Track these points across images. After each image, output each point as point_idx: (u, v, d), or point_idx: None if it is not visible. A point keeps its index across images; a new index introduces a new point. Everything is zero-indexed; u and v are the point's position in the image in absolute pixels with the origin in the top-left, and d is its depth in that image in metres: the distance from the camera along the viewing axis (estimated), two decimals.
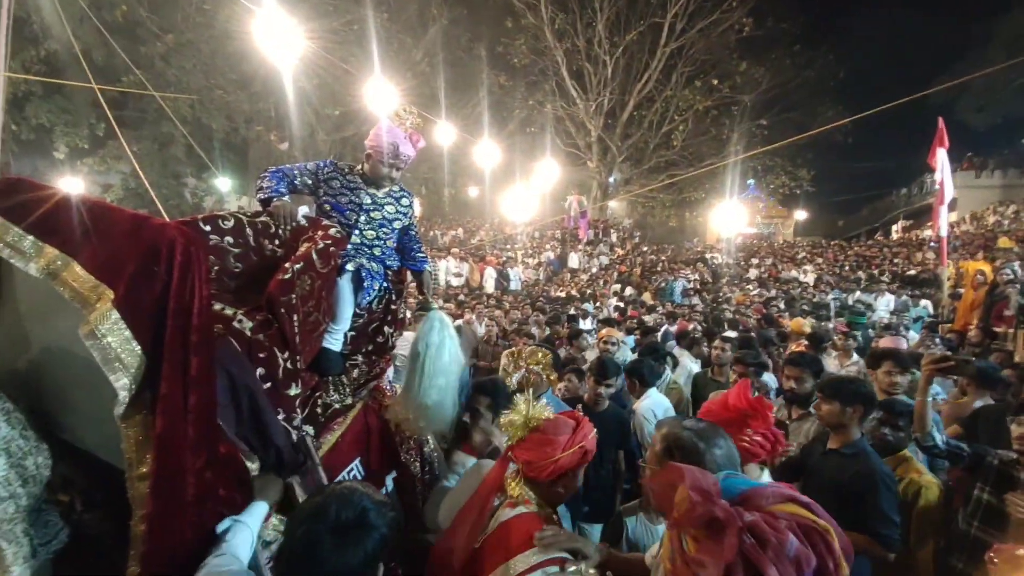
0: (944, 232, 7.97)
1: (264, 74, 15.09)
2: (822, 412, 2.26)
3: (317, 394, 2.03)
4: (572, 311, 8.74)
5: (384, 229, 2.37)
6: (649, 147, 23.23)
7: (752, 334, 5.70)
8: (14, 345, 1.47)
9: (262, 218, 2.08)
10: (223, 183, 19.22)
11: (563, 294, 13.19)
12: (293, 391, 1.79)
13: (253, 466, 1.56)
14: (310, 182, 2.31)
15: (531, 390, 1.84)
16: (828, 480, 2.15)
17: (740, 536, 0.67)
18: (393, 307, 2.49)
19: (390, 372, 2.61)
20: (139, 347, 1.19)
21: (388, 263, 2.43)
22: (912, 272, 13.54)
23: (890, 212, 27.59)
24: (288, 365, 1.76)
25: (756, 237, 26.54)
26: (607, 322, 6.03)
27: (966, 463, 2.21)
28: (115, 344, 1.16)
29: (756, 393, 1.66)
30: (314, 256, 1.88)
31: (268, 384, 1.70)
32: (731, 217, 20.03)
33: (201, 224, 1.83)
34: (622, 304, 11.16)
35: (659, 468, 1.06)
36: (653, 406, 3.25)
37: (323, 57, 12.06)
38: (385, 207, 2.37)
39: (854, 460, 2.12)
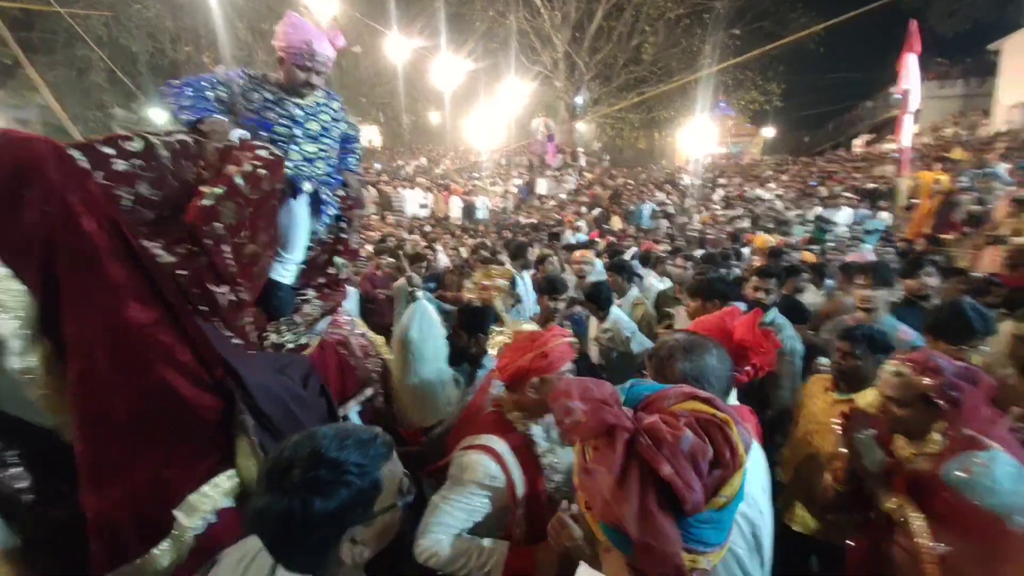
0: (908, 142, 8.02)
1: None
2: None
3: (264, 334, 1.90)
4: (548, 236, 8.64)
5: (325, 140, 2.14)
6: (618, 62, 22.10)
7: (715, 252, 5.78)
8: None
9: (179, 136, 1.83)
10: (158, 115, 17.52)
11: (535, 221, 13.01)
12: (238, 322, 1.67)
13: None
14: (225, 96, 1.98)
15: (509, 308, 1.91)
16: None
17: (634, 438, 0.68)
18: (344, 236, 2.33)
19: (346, 303, 2.50)
20: (21, 286, 1.02)
21: (335, 183, 2.23)
22: (872, 185, 13.83)
23: (854, 127, 27.67)
24: (233, 298, 1.61)
25: (725, 157, 26.39)
26: (572, 247, 5.97)
27: None
28: None
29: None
30: (238, 180, 1.66)
31: (216, 319, 1.57)
32: (700, 137, 19.69)
33: (99, 146, 1.57)
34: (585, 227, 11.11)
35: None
36: (620, 327, 3.27)
37: None
38: (320, 115, 2.12)
39: None
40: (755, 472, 1.26)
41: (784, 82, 22.93)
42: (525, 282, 4.59)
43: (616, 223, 13.25)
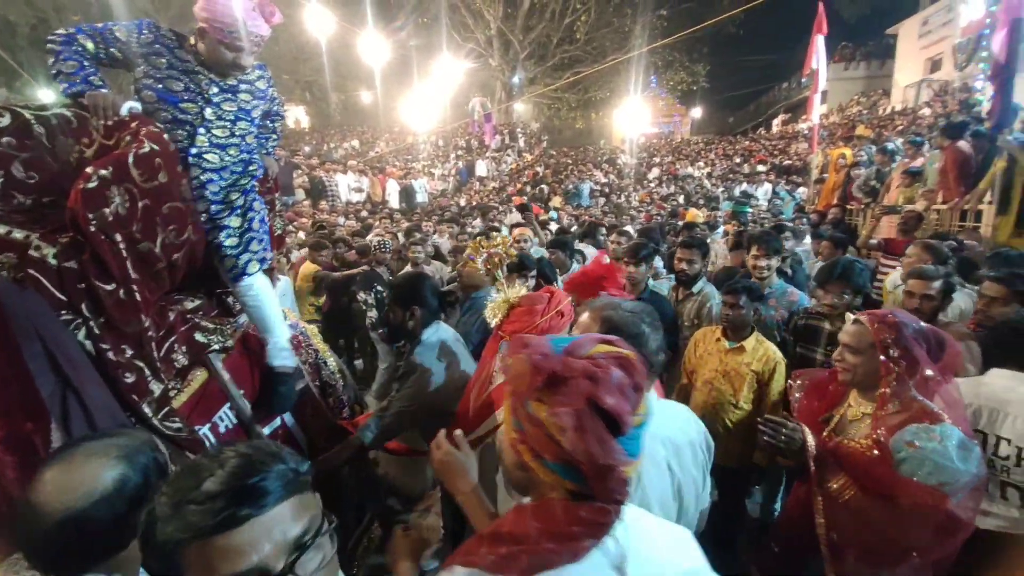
0: (816, 119, 8.64)
1: None
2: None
3: (173, 338, 1.71)
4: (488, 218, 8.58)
5: (241, 123, 1.85)
6: (552, 41, 22.11)
7: (651, 226, 6.04)
8: None
9: (58, 111, 1.61)
10: (46, 95, 15.52)
11: (475, 203, 12.90)
12: (134, 327, 1.49)
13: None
14: (121, 56, 1.69)
15: (503, 271, 1.82)
16: None
17: (577, 382, 0.76)
18: (268, 224, 2.16)
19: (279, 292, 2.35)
20: None
21: (252, 168, 1.93)
22: (788, 162, 14.85)
23: (772, 107, 29.45)
24: (122, 296, 1.44)
25: (657, 136, 27.32)
26: (516, 225, 6.02)
27: None
28: None
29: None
30: (131, 163, 1.48)
31: (101, 319, 1.41)
32: (635, 117, 20.22)
33: None
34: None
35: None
36: None
37: None
38: (239, 94, 1.83)
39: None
40: (677, 423, 1.33)
41: (709, 64, 23.96)
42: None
43: (556, 202, 13.42)
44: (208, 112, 1.78)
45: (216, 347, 1.86)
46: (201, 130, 1.78)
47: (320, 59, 16.07)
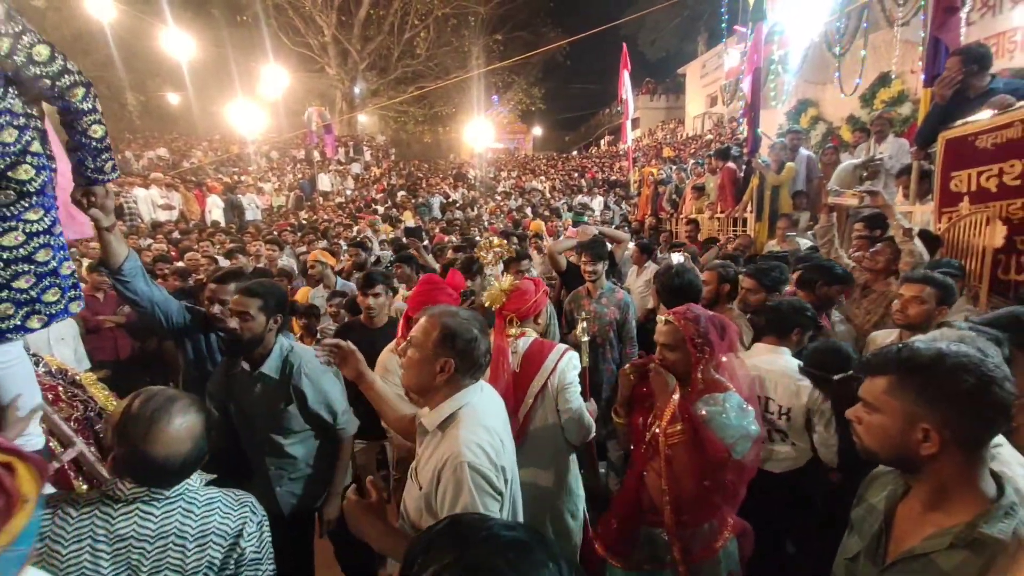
0: (630, 142, 9.94)
1: None
2: None
3: None
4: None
5: None
6: (393, 55, 21.86)
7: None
8: None
9: None
10: None
11: (322, 219, 11.94)
12: None
13: None
14: None
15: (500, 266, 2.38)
16: None
17: None
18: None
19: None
20: None
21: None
22: (614, 177, 16.84)
23: (599, 129, 33.32)
24: None
25: (503, 152, 28.77)
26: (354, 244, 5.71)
27: None
28: None
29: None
30: None
31: None
32: (481, 132, 20.99)
33: None
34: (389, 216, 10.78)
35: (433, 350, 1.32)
36: None
37: None
38: None
39: None
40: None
41: (544, 88, 26.10)
42: None
43: (408, 217, 13.18)
44: None
45: None
46: None
47: (107, 51, 13.32)
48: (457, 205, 14.30)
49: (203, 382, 2.26)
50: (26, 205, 1.48)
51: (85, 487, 1.76)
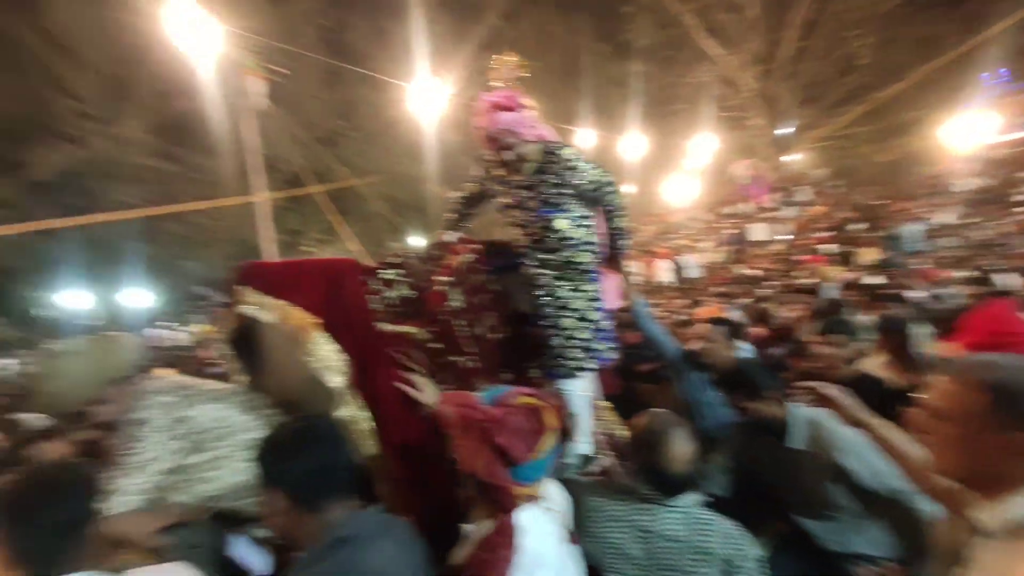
0: None
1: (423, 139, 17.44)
2: None
3: None
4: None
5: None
6: (827, 80, 19.45)
7: None
8: (278, 382, 1.97)
9: (423, 248, 2.39)
10: (416, 240, 22.58)
11: (760, 272, 11.68)
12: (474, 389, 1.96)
13: None
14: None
15: None
16: None
17: (479, 424, 1.24)
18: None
19: None
20: (343, 352, 1.49)
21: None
22: None
23: None
24: (466, 365, 1.93)
25: (1021, 142, 19.53)
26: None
27: None
28: (325, 355, 1.48)
29: None
30: (461, 268, 2.02)
31: (455, 385, 1.90)
32: (972, 126, 15.26)
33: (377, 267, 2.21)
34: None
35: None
36: None
37: (465, 106, 13.42)
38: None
39: None
40: None
41: None
42: None
43: (867, 254, 10.91)
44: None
45: None
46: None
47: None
48: (948, 229, 10.69)
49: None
50: (584, 279, 2.12)
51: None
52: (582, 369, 2.14)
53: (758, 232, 15.67)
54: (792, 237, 14.53)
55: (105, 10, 14.80)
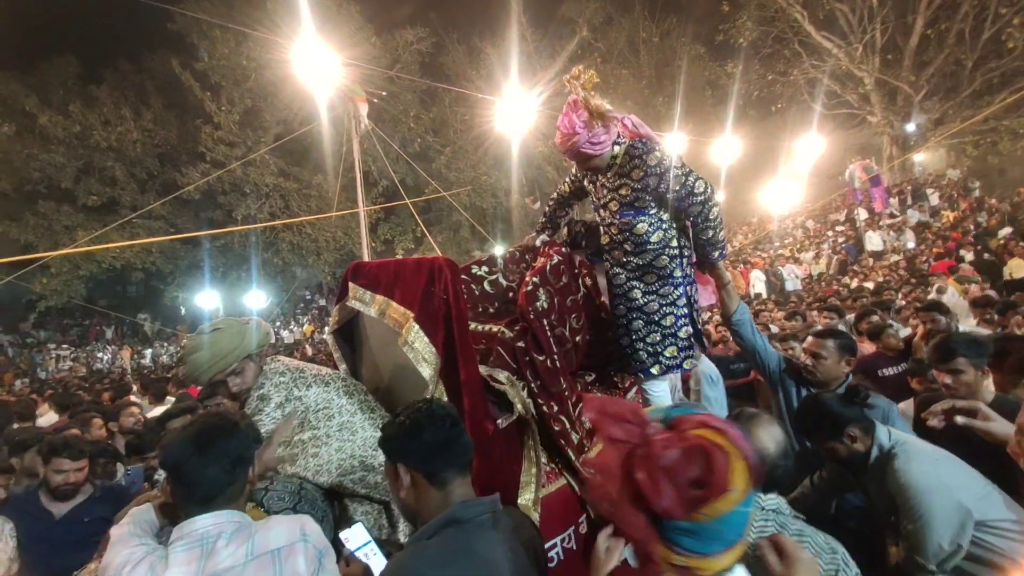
0: None
1: (509, 151, 17.87)
2: None
3: (581, 403, 2.04)
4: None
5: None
6: (966, 66, 17.00)
7: None
8: (373, 371, 2.16)
9: (510, 248, 2.51)
10: (499, 249, 23.20)
11: (870, 285, 10.41)
12: (556, 388, 1.98)
13: None
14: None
15: None
16: None
17: (628, 449, 0.87)
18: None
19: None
20: (433, 346, 1.61)
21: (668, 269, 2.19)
22: None
23: None
24: (549, 365, 1.97)
25: None
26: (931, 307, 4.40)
27: None
28: (420, 347, 1.61)
29: None
30: (547, 271, 2.08)
31: (537, 382, 1.96)
32: None
33: (469, 265, 2.36)
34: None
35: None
36: None
37: (552, 117, 13.58)
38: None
39: None
40: None
41: None
42: None
43: (1019, 265, 9.29)
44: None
45: None
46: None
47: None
48: None
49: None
50: (663, 284, 2.12)
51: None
52: (644, 371, 2.13)
53: (874, 241, 14.00)
54: (916, 246, 12.80)
55: (243, 49, 17.15)
